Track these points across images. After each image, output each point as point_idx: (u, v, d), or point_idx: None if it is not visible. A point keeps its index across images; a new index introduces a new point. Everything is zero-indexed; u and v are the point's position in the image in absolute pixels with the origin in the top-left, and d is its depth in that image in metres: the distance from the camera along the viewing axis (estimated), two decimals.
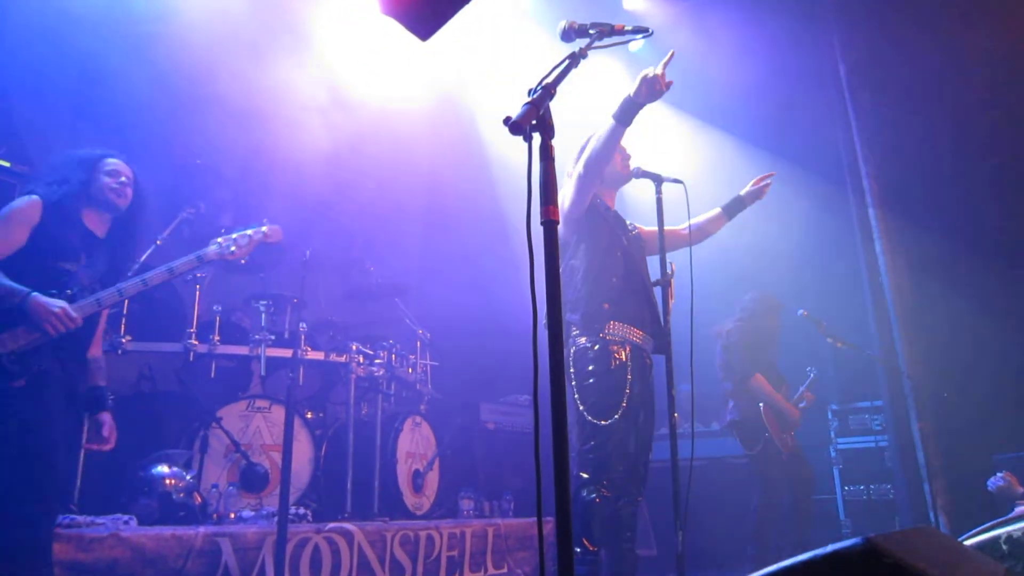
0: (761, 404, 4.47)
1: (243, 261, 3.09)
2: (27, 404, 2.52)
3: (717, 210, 3.38)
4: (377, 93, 5.26)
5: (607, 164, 3.03)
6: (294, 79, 4.92)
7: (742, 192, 3.38)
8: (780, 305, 4.74)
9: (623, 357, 2.92)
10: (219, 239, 3.02)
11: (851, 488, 5.09)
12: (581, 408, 2.87)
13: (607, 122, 2.86)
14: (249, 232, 3.07)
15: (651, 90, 2.71)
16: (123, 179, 2.84)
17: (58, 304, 2.54)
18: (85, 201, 2.79)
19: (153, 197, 3.01)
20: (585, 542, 2.74)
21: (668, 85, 2.71)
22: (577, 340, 2.97)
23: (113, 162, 2.87)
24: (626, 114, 2.79)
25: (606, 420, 2.83)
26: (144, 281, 2.81)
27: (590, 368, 2.90)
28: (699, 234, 3.35)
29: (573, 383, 2.93)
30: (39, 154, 4.04)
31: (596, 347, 2.92)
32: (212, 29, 4.44)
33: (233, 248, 3.00)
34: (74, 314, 2.57)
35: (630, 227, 3.31)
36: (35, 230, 2.62)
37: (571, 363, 2.95)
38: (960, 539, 2.17)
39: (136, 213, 2.93)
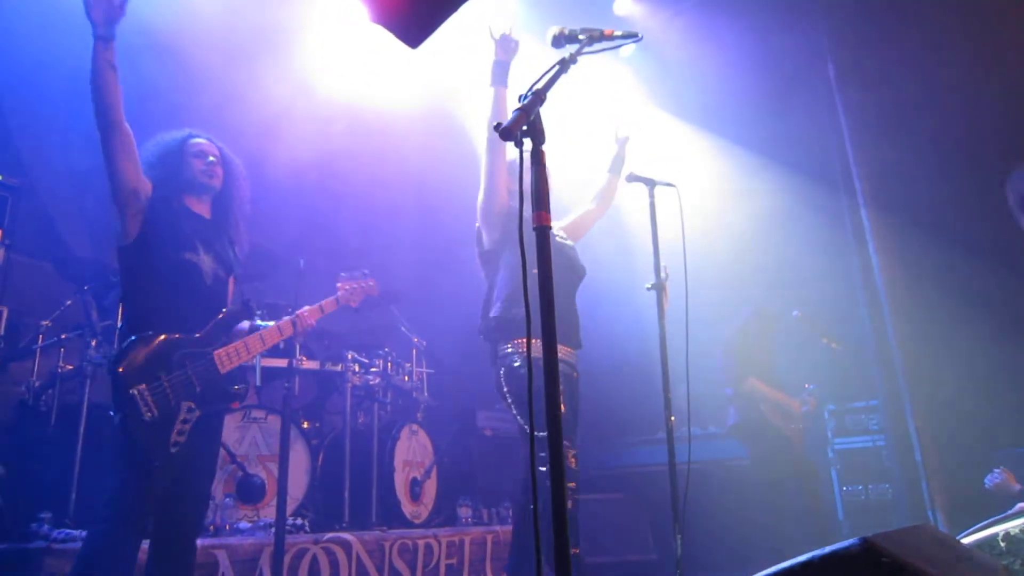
0: (761, 405, 4.53)
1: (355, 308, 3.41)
2: (199, 439, 2.48)
3: (607, 175, 3.56)
4: (369, 101, 5.25)
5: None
6: (286, 87, 4.91)
7: (615, 151, 3.57)
8: (777, 317, 4.80)
9: None
10: (344, 285, 3.30)
11: (849, 488, 5.09)
12: (527, 428, 2.86)
13: (488, 92, 3.07)
14: (361, 284, 3.35)
15: (506, 47, 3.02)
16: (211, 159, 2.70)
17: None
18: (184, 189, 2.67)
19: (244, 170, 2.90)
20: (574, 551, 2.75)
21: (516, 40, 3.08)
22: (506, 361, 2.97)
23: (198, 142, 2.73)
24: (498, 75, 3.06)
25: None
26: (295, 322, 2.93)
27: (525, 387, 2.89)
28: (605, 202, 3.55)
29: (509, 401, 2.92)
30: (33, 165, 4.02)
31: (524, 368, 2.91)
32: (201, 38, 4.43)
33: (352, 298, 3.31)
34: None
35: (558, 233, 3.27)
36: (146, 222, 2.52)
37: (503, 383, 2.96)
38: (958, 537, 2.18)
39: (230, 190, 2.80)
